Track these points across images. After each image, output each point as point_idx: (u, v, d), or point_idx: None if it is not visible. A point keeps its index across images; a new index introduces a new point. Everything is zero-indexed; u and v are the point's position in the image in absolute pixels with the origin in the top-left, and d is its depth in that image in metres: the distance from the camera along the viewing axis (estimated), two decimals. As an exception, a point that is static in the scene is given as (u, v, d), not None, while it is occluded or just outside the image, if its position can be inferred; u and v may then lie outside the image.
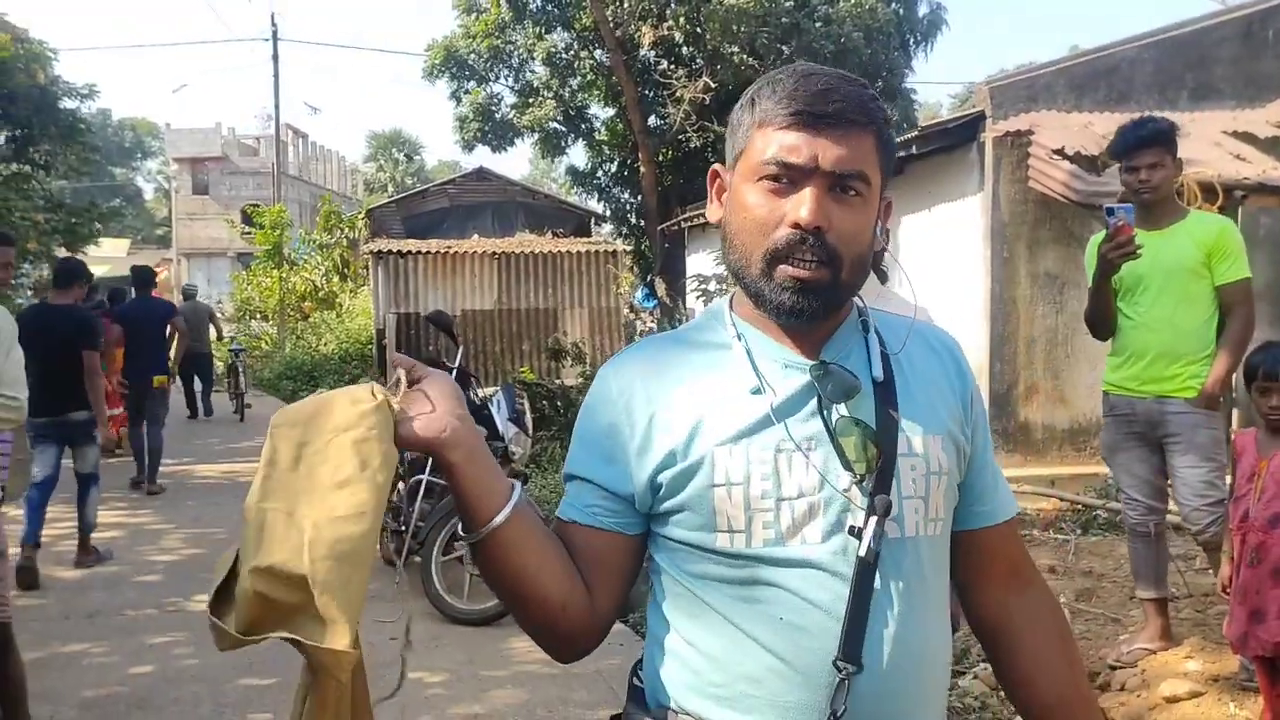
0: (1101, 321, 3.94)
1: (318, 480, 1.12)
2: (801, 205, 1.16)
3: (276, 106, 24.88)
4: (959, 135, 8.19)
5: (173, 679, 4.48)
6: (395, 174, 58.41)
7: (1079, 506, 6.64)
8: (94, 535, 6.52)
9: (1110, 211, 3.59)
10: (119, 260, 28.94)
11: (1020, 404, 7.75)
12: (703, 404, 1.22)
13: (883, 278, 2.94)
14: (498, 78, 20.42)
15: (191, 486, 9.30)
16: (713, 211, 1.31)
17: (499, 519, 1.19)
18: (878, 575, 1.17)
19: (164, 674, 4.55)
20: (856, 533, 1.17)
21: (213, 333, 14.87)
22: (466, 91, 20.20)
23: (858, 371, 1.23)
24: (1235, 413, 6.84)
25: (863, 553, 1.16)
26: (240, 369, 15.37)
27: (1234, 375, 3.87)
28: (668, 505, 1.22)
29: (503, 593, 1.25)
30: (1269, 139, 7.96)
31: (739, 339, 1.26)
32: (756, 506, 1.17)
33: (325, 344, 19.53)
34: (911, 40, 19.12)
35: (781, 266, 1.18)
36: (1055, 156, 7.22)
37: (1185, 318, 3.77)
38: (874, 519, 1.16)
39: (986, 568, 1.34)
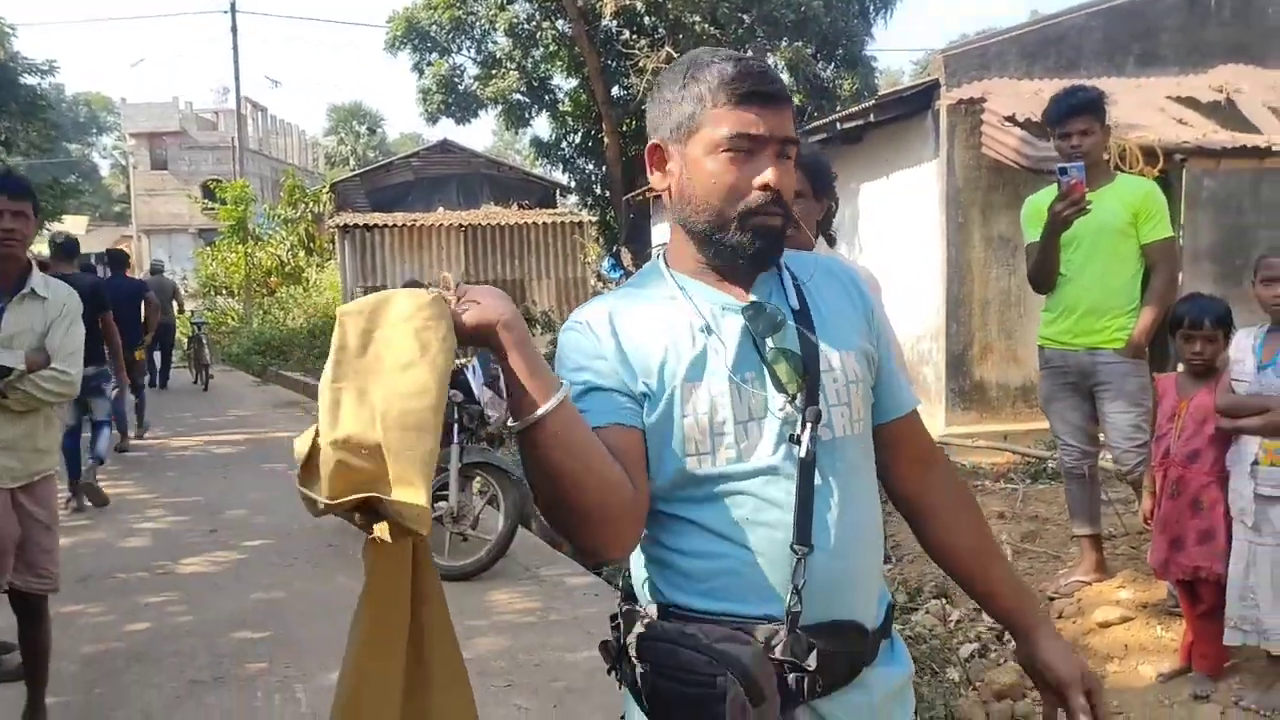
0: (1049, 275, 4.14)
1: (384, 363, 1.25)
2: (768, 170, 1.41)
3: (237, 80, 24.74)
4: (915, 103, 8.43)
5: (169, 635, 4.69)
6: (357, 147, 57.87)
7: (1029, 459, 6.96)
8: (86, 502, 7.15)
9: (1063, 171, 3.81)
10: (79, 238, 28.61)
11: (975, 363, 8.06)
12: (663, 346, 1.42)
13: (831, 241, 3.16)
14: (460, 49, 20.40)
15: (169, 459, 9.44)
16: (658, 180, 1.50)
17: (553, 402, 1.29)
18: (817, 472, 1.41)
19: (160, 630, 4.75)
20: (796, 440, 1.41)
21: (175, 307, 15.14)
22: (429, 64, 20.17)
23: (780, 306, 1.46)
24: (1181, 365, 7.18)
25: (803, 455, 1.40)
26: (203, 341, 15.63)
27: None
28: (651, 432, 1.42)
29: (559, 481, 1.31)
30: (1210, 104, 8.27)
31: (681, 290, 1.47)
32: (718, 431, 1.40)
33: (293, 319, 19.54)
34: (871, 7, 19.28)
35: (754, 219, 1.42)
36: (1007, 123, 7.48)
37: (1114, 274, 4.05)
38: (808, 427, 1.40)
39: (901, 452, 1.59)
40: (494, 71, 19.86)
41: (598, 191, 21.15)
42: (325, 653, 4.41)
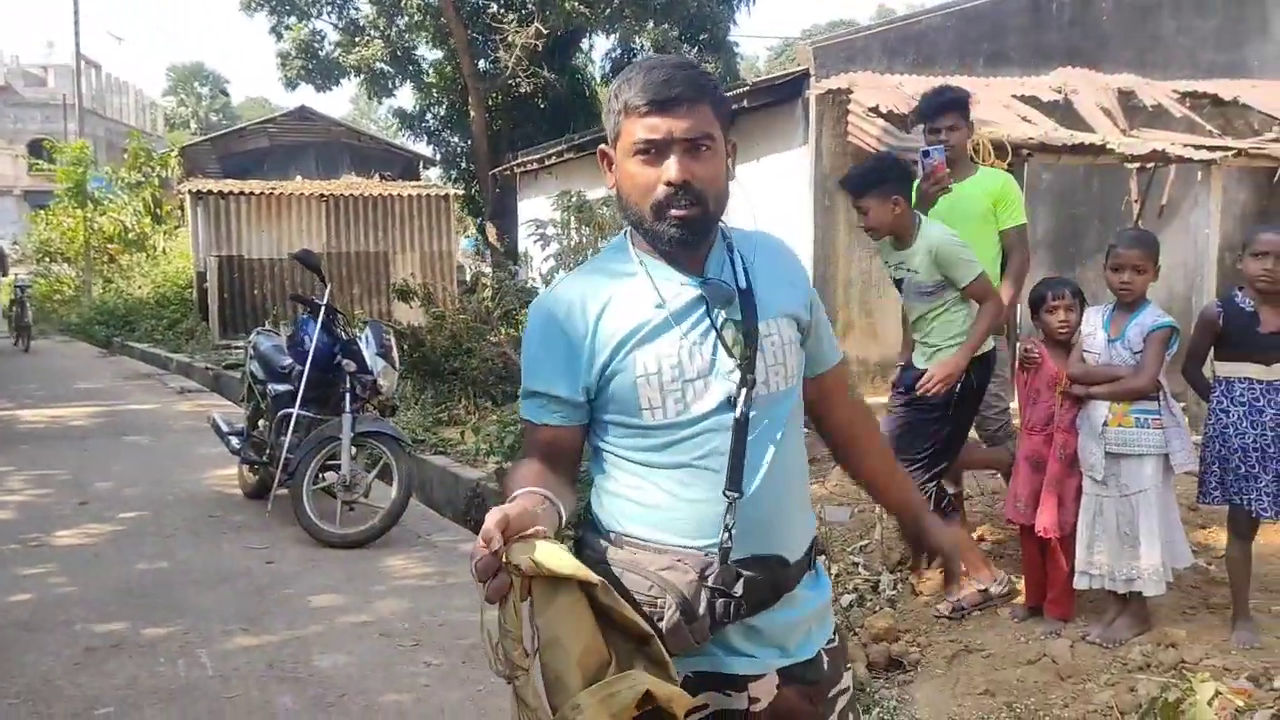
0: None
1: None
2: (669, 168, 1.60)
3: (76, 33, 23.25)
4: (785, 91, 8.82)
5: (55, 605, 4.60)
6: (199, 110, 55.30)
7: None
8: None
9: (926, 154, 4.18)
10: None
11: (838, 340, 8.53)
12: (624, 318, 1.65)
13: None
14: (320, 14, 19.87)
15: (20, 432, 9.03)
16: (609, 180, 1.71)
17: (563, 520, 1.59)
18: (751, 428, 1.63)
19: (44, 601, 4.65)
20: (732, 401, 1.63)
21: None
22: (288, 27, 19.57)
23: (728, 280, 1.68)
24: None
25: (738, 415, 1.62)
26: (25, 304, 15.86)
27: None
28: (606, 395, 1.66)
29: None
30: (1050, 103, 8.95)
31: (642, 265, 1.69)
32: (668, 389, 1.63)
33: (139, 288, 18.70)
34: (735, -6, 19.75)
35: (667, 212, 1.62)
36: (871, 114, 7.93)
37: (976, 257, 4.45)
38: (744, 390, 1.63)
39: (831, 397, 1.89)
40: (356, 39, 19.44)
41: (463, 165, 20.99)
42: (225, 618, 4.44)
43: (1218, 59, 10.17)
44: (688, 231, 1.62)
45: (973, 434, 5.01)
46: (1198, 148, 8.24)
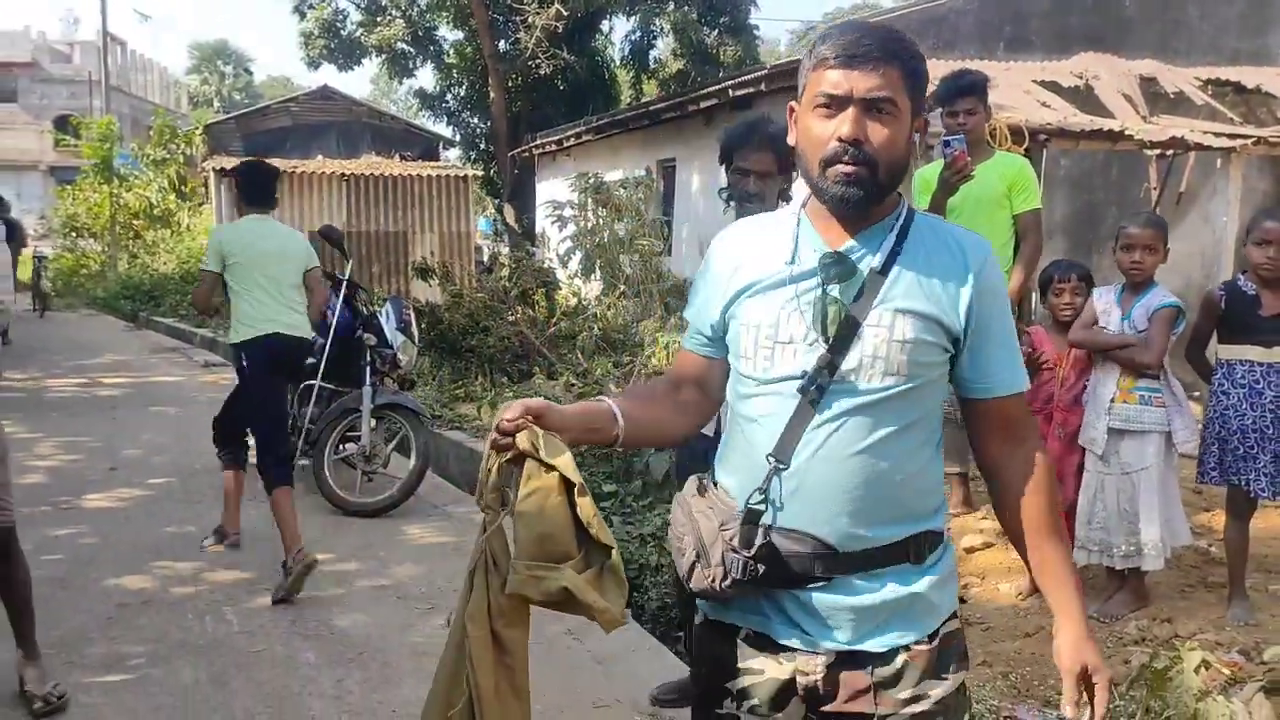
0: None
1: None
2: (844, 123, 1.57)
3: (103, 8, 23.40)
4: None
5: (87, 563, 4.77)
6: (222, 88, 55.55)
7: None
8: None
9: (947, 144, 4.23)
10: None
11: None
12: (756, 267, 1.69)
13: (787, 199, 3.48)
14: (344, -7, 19.98)
15: (50, 400, 9.22)
16: (792, 136, 1.68)
17: (617, 431, 1.71)
18: (819, 406, 1.59)
19: (78, 559, 4.82)
20: (804, 374, 1.61)
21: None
22: (310, 6, 19.67)
23: (871, 259, 1.62)
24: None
25: (807, 389, 1.60)
26: (42, 272, 17.07)
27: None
28: (728, 336, 1.73)
29: (646, 443, 1.83)
30: (1071, 88, 8.97)
31: (798, 224, 1.69)
32: (762, 345, 1.65)
33: (164, 263, 18.92)
34: (755, -23, 19.70)
35: (832, 168, 1.58)
36: (889, 98, 7.96)
37: (990, 240, 4.52)
38: (822, 369, 1.59)
39: (987, 428, 1.70)
40: (378, 19, 19.54)
41: (482, 146, 21.08)
42: (251, 581, 4.59)
43: (1241, 46, 10.15)
44: (851, 189, 1.58)
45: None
46: (1217, 135, 8.25)
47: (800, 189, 1.76)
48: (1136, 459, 3.73)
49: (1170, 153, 8.65)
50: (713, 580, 1.63)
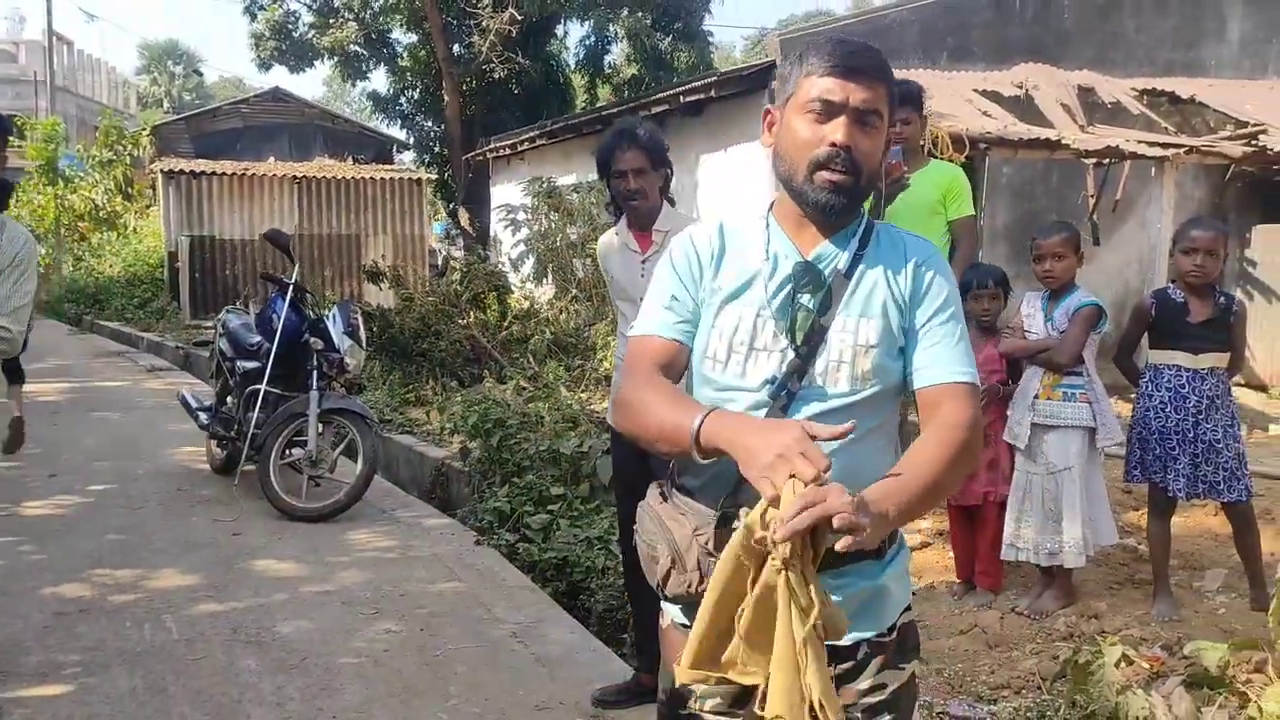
0: None
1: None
2: (837, 130, 1.62)
3: (49, 9, 23.00)
4: (752, 82, 8.97)
5: (25, 571, 4.70)
6: (172, 89, 54.77)
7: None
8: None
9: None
10: None
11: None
12: (729, 273, 1.71)
13: (671, 202, 3.57)
14: (295, -6, 19.82)
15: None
16: (765, 139, 1.74)
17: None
18: (789, 411, 1.63)
19: (15, 567, 4.75)
20: (774, 380, 1.65)
21: None
22: (261, 7, 19.49)
23: (835, 264, 1.67)
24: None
25: (773, 396, 1.64)
26: None
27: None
28: (695, 338, 1.73)
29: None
30: (1011, 98, 9.16)
31: (768, 230, 1.72)
32: (734, 349, 1.68)
33: (110, 266, 18.64)
34: (709, -16, 19.84)
35: (820, 173, 1.62)
36: (835, 106, 8.08)
37: None
38: (790, 374, 1.64)
39: (926, 416, 1.68)
40: (331, 21, 19.41)
41: (436, 149, 21.00)
42: (191, 586, 4.56)
43: (1175, 58, 10.41)
44: (835, 197, 1.63)
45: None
46: (1152, 144, 8.47)
47: (756, 192, 1.79)
48: (1061, 458, 3.84)
49: (1107, 161, 8.86)
50: (689, 585, 1.64)
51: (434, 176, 19.51)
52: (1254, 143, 8.88)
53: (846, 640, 1.65)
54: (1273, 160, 9.00)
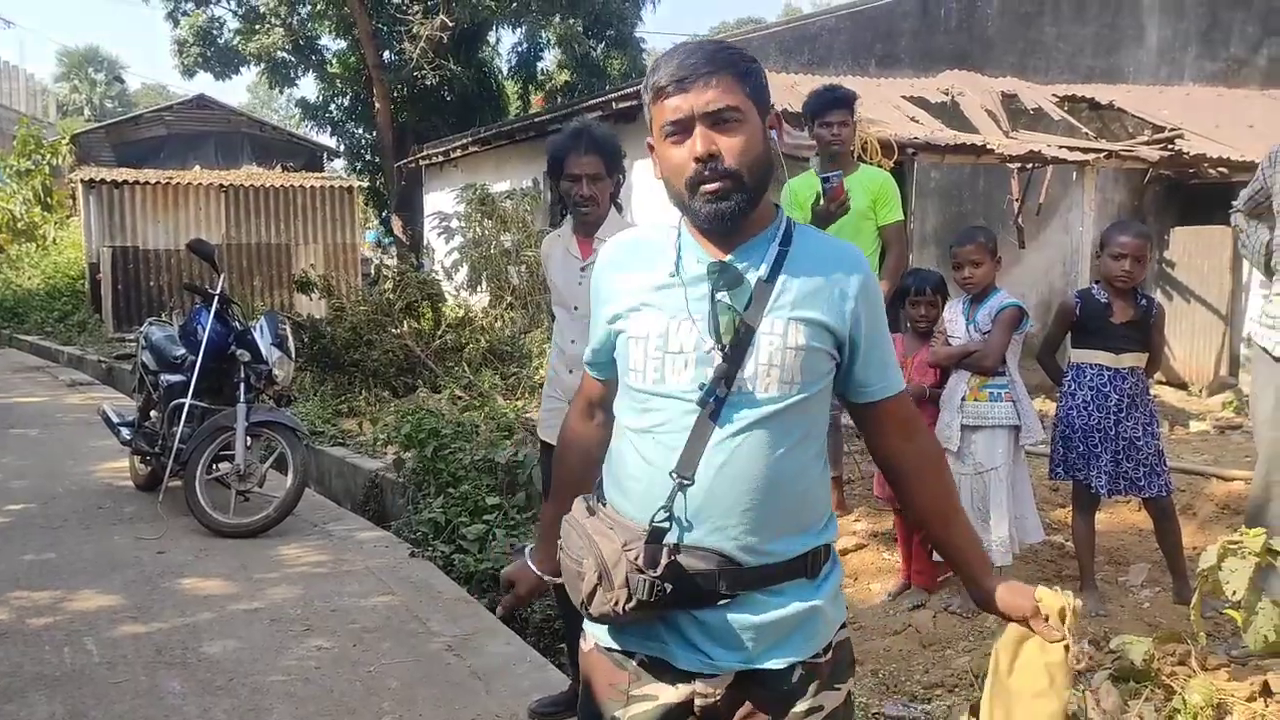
0: None
1: (1023, 689, 1.70)
2: (694, 144, 1.58)
3: (-43, 15, 22.19)
4: (684, 88, 8.98)
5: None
6: (93, 96, 53.38)
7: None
8: None
9: (827, 179, 4.31)
10: None
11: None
12: (640, 281, 1.69)
13: (619, 209, 3.54)
14: (219, 0, 19.44)
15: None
16: (656, 172, 1.69)
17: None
18: (719, 418, 1.59)
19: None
20: (702, 386, 1.60)
21: None
22: (185, 13, 19.09)
23: (756, 270, 1.63)
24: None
25: (706, 402, 1.59)
26: None
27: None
28: (616, 351, 1.72)
29: None
30: (938, 104, 9.33)
31: (679, 239, 1.69)
32: (651, 356, 1.64)
33: (29, 279, 18.07)
34: (640, -9, 19.90)
35: (699, 189, 1.59)
36: (766, 112, 8.15)
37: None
38: (720, 380, 1.59)
39: (879, 427, 1.75)
40: (257, 26, 19.06)
41: (368, 157, 20.75)
42: (114, 607, 4.43)
43: (1095, 64, 10.70)
44: (722, 204, 1.59)
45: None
46: (1072, 149, 8.69)
47: (655, 204, 1.79)
48: (988, 457, 3.89)
49: (1030, 166, 9.06)
50: (616, 603, 1.58)
51: (366, 184, 19.29)
52: (1170, 147, 9.15)
53: (780, 664, 1.63)
54: (1189, 164, 9.28)
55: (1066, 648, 1.64)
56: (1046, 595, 1.67)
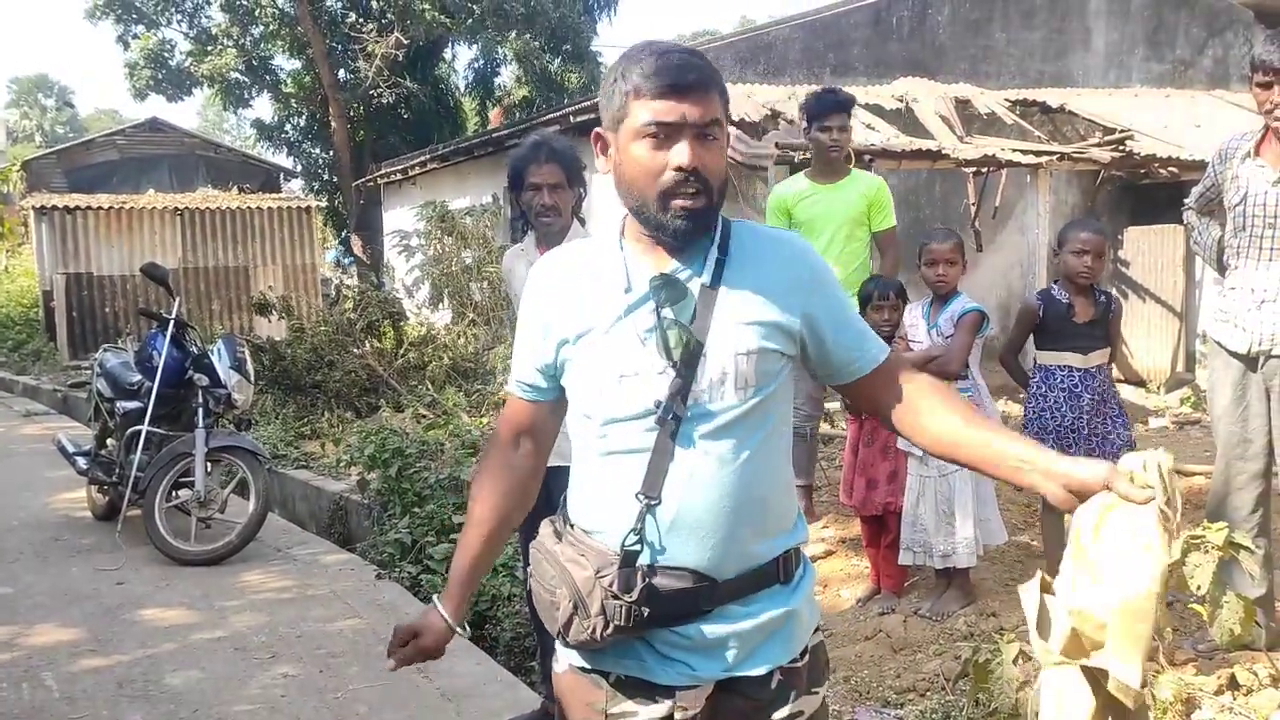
0: None
1: (1118, 552, 1.43)
2: (682, 154, 1.52)
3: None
4: (641, 101, 9.01)
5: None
6: (44, 122, 52.74)
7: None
8: None
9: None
10: None
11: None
12: (589, 305, 1.62)
13: (582, 222, 3.53)
14: (169, 22, 19.24)
15: None
16: (602, 165, 1.63)
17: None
18: (679, 435, 1.56)
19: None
20: (659, 404, 1.56)
21: None
22: (135, 36, 18.88)
23: (699, 276, 1.59)
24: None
25: (664, 419, 1.56)
26: None
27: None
28: (566, 378, 1.66)
29: None
30: (893, 111, 9.41)
31: (622, 251, 1.63)
32: (610, 379, 1.58)
33: (-20, 309, 17.76)
34: (596, 4, 19.96)
35: (674, 201, 1.53)
36: (723, 122, 8.19)
37: (849, 257, 4.68)
38: (676, 395, 1.55)
39: (881, 397, 1.68)
40: (209, 48, 18.89)
41: (325, 177, 20.60)
42: (74, 642, 4.33)
43: (1045, 69, 10.86)
44: (692, 222, 1.55)
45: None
46: (1026, 153, 8.80)
47: (605, 212, 1.75)
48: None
49: (985, 170, 9.16)
50: (593, 631, 1.56)
51: (324, 204, 19.13)
52: (1121, 148, 9.29)
53: (761, 670, 1.62)
54: (1140, 164, 9.43)
55: (1161, 511, 1.42)
56: (1131, 455, 1.48)
